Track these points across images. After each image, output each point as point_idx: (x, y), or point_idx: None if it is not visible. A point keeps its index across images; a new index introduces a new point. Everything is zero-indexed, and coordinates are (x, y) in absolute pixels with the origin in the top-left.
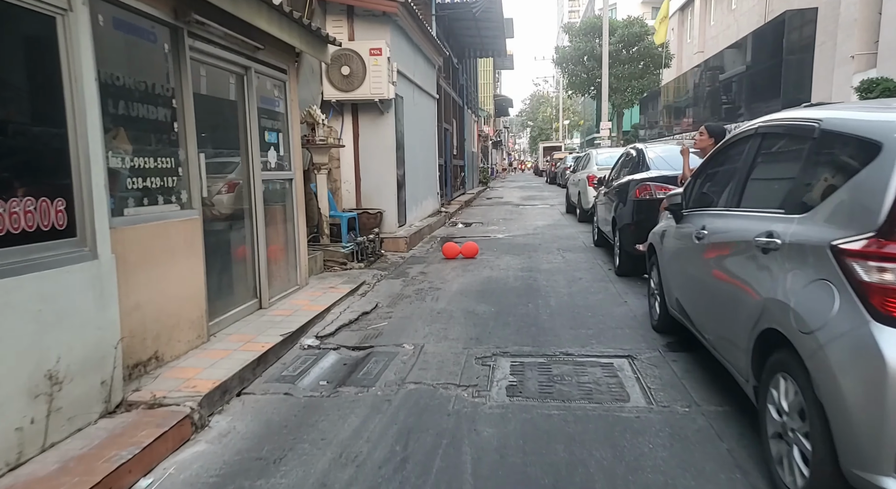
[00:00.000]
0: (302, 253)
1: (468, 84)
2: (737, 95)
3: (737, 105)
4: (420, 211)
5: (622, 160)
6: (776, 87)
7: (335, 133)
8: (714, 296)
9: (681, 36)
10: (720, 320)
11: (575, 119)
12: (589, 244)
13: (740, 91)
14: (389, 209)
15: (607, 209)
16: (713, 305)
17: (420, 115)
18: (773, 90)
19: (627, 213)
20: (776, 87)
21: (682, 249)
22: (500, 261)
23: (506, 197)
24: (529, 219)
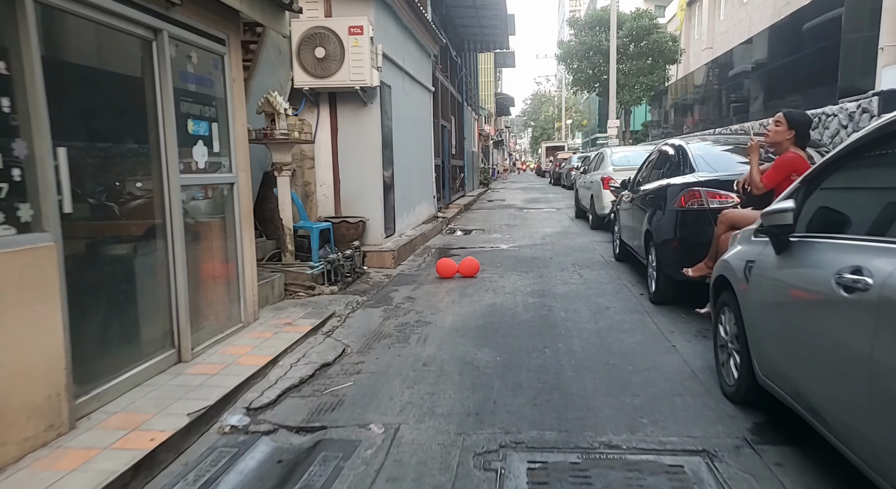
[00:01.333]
0: (248, 280)
1: (468, 79)
2: (775, 84)
3: (774, 95)
4: (412, 217)
5: (654, 160)
6: (826, 74)
7: (307, 127)
8: (885, 385)
9: (688, 32)
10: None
11: (578, 118)
12: (608, 258)
13: (782, 79)
14: (374, 217)
15: (635, 219)
16: (876, 396)
17: (412, 109)
18: (824, 77)
19: (668, 226)
20: (826, 74)
21: (799, 300)
22: (506, 282)
23: (508, 199)
24: (535, 225)
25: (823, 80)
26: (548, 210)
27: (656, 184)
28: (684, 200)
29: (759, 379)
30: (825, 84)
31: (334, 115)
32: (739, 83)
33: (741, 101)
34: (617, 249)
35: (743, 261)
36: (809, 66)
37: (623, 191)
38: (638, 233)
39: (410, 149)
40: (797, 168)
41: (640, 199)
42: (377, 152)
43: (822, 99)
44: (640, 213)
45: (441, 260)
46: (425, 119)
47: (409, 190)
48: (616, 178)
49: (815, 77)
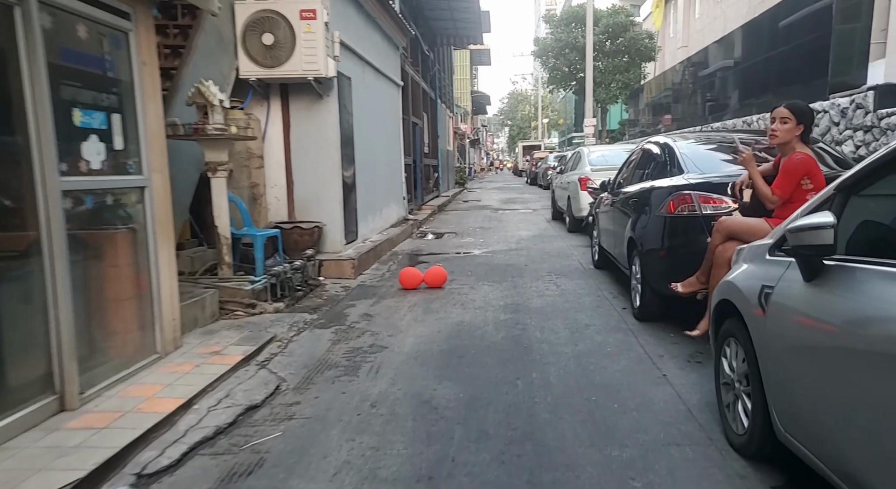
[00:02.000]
0: (167, 301)
1: (442, 76)
2: (751, 82)
3: (750, 94)
4: (378, 221)
5: (637, 159)
6: (805, 70)
7: (255, 122)
8: None
9: (664, 30)
10: None
11: (554, 117)
12: (587, 265)
13: (757, 77)
14: (332, 221)
15: (616, 224)
16: None
17: (377, 104)
18: (801, 74)
19: (655, 234)
20: (805, 70)
21: (847, 347)
22: (476, 294)
23: (484, 200)
24: (511, 227)
25: (801, 76)
26: (524, 211)
27: (640, 186)
28: (673, 205)
29: (780, 433)
30: (802, 81)
31: (286, 109)
32: (714, 81)
33: (717, 99)
34: (596, 256)
35: (756, 284)
36: (786, 63)
37: (602, 193)
38: (620, 239)
39: (376, 146)
40: (808, 170)
41: (622, 202)
42: (335, 150)
43: (800, 96)
44: (622, 217)
45: (405, 269)
46: (393, 115)
47: (374, 191)
48: (594, 179)
49: (791, 74)
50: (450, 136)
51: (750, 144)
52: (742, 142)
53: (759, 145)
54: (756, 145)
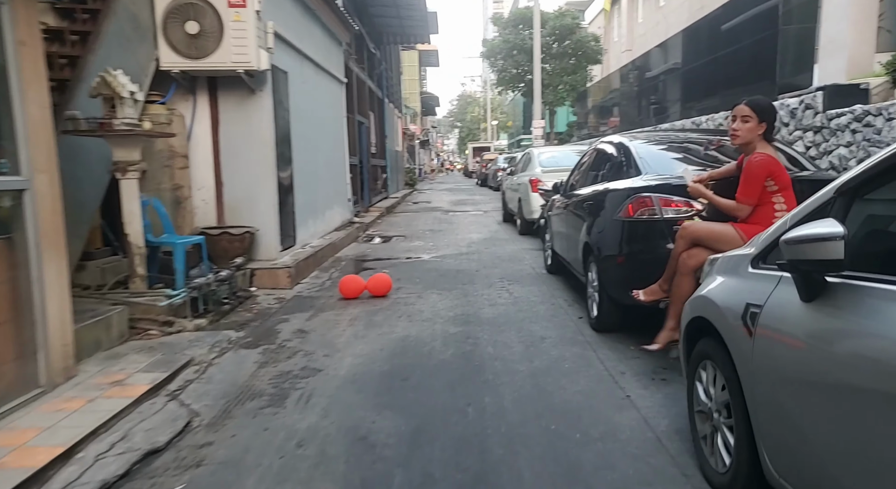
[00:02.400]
0: (54, 323)
1: (389, 74)
2: (692, 85)
3: (692, 97)
4: (320, 224)
5: (591, 160)
6: (746, 73)
7: (178, 118)
8: None
9: (608, 34)
10: None
11: (503, 119)
12: (540, 270)
13: (698, 81)
14: (266, 226)
15: (570, 228)
16: None
17: (318, 100)
18: (759, 72)
19: (613, 240)
20: (746, 73)
21: (862, 387)
22: (424, 304)
23: (434, 201)
24: (462, 230)
25: (746, 79)
26: (475, 213)
27: (595, 188)
28: (632, 209)
29: (770, 476)
30: (747, 83)
31: (215, 104)
32: (658, 85)
33: (660, 102)
34: (549, 260)
35: (738, 302)
36: (729, 66)
37: (554, 195)
38: (574, 244)
39: (316, 146)
40: (770, 170)
41: (576, 205)
42: (269, 149)
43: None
44: (577, 221)
45: (346, 277)
46: (336, 113)
47: (314, 193)
48: (545, 180)
49: (736, 77)
50: (398, 136)
51: (702, 144)
52: (692, 142)
53: (711, 146)
54: (708, 146)
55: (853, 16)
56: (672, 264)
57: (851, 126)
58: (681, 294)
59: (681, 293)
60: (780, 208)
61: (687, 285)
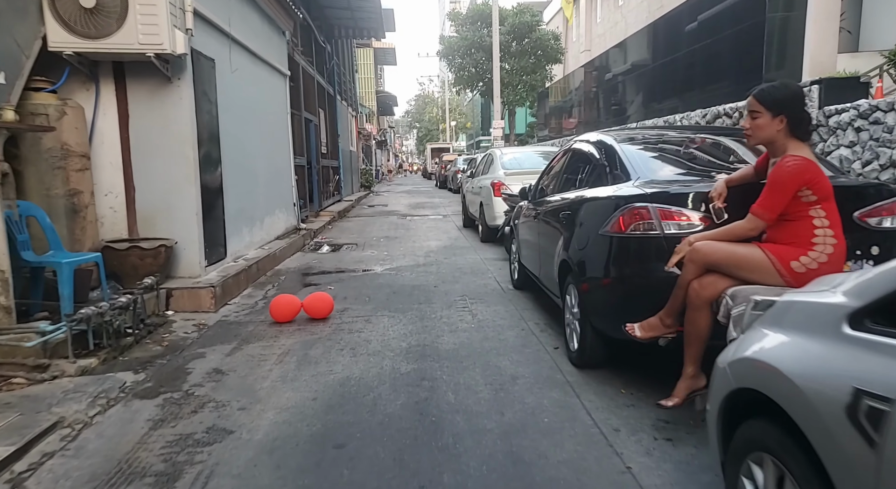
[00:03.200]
0: None
1: (342, 71)
2: (653, 85)
3: (652, 98)
4: (258, 233)
5: (565, 162)
6: (744, 62)
7: (75, 111)
8: None
9: (567, 34)
10: None
11: (462, 120)
12: (505, 284)
13: (659, 81)
14: (187, 238)
15: (543, 240)
16: None
17: (255, 94)
18: (740, 67)
19: (598, 259)
20: (744, 62)
21: None
22: (373, 331)
23: (391, 204)
24: (419, 237)
25: (724, 75)
26: (434, 217)
27: (573, 195)
28: (624, 222)
29: None
30: (726, 79)
31: (123, 95)
32: (616, 85)
33: (619, 103)
34: (515, 274)
35: (836, 383)
36: (700, 63)
37: (521, 201)
38: (548, 260)
39: (253, 145)
40: (807, 178)
41: (550, 214)
42: (190, 148)
43: (727, 96)
44: (551, 233)
45: (278, 297)
46: (278, 109)
47: (250, 198)
48: (508, 184)
49: (713, 73)
50: (353, 135)
51: (682, 143)
52: (668, 141)
53: (693, 144)
54: (689, 144)
55: (814, 15)
56: (679, 294)
57: (855, 124)
58: (698, 333)
59: (697, 332)
60: (820, 224)
61: (704, 321)
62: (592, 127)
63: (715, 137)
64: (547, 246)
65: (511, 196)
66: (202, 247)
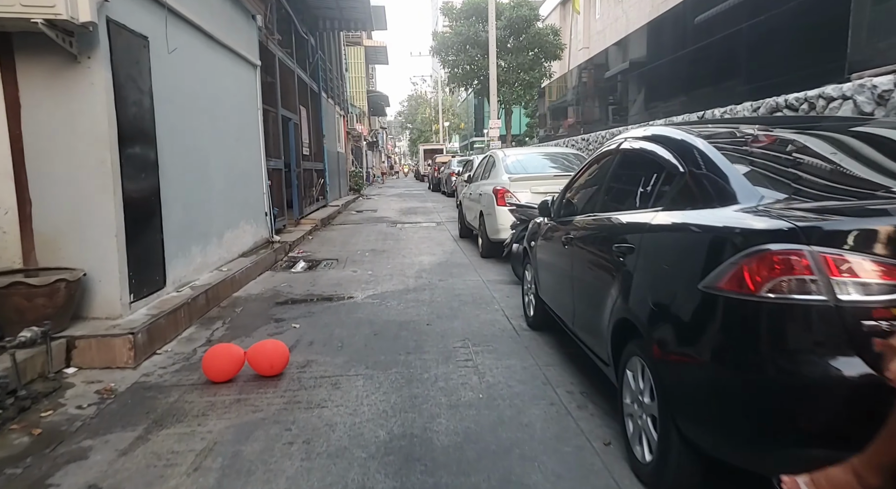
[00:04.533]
0: None
1: (328, 66)
2: (658, 83)
3: (657, 96)
4: (215, 251)
5: (609, 169)
6: (729, 67)
7: None
8: None
9: (565, 31)
10: None
11: (455, 121)
12: (518, 321)
13: (666, 78)
14: (103, 266)
15: (582, 275)
16: None
17: (212, 84)
18: (723, 71)
19: (700, 332)
20: (729, 67)
21: None
22: (340, 406)
23: (381, 210)
24: (410, 250)
25: (723, 75)
26: (426, 225)
27: (634, 218)
28: (754, 276)
29: None
30: (727, 78)
31: (12, 77)
32: (616, 85)
33: (618, 102)
34: (531, 310)
35: None
36: (702, 61)
37: (541, 217)
38: (589, 306)
39: (208, 145)
40: None
41: (593, 241)
42: (106, 149)
43: (723, 96)
44: (594, 268)
45: (214, 349)
46: (245, 104)
47: (203, 209)
48: (515, 191)
49: (710, 73)
50: (341, 136)
51: (795, 143)
52: (774, 139)
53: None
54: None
55: None
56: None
57: None
58: None
59: None
60: None
61: None
62: (592, 126)
63: (854, 130)
64: (586, 285)
65: (520, 207)
66: (125, 277)
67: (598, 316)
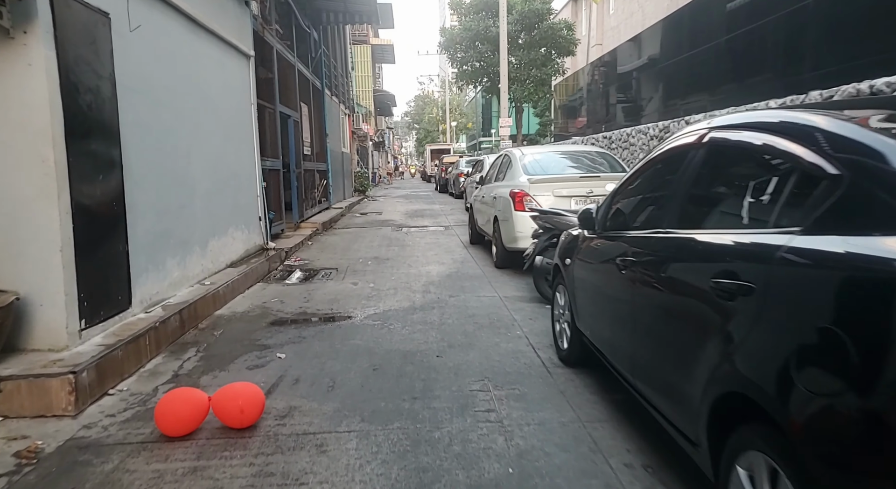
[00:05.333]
0: None
1: (332, 63)
2: (682, 80)
3: (674, 94)
4: (197, 263)
5: (694, 169)
6: (757, 60)
7: None
8: None
9: (576, 28)
10: None
11: (462, 121)
12: (546, 352)
13: (690, 75)
14: (45, 287)
15: (652, 317)
16: None
17: (193, 73)
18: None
19: None
20: (757, 60)
21: None
22: (330, 469)
23: (386, 212)
24: (417, 258)
25: (777, 61)
26: (434, 229)
27: (766, 241)
28: None
29: None
30: (785, 64)
31: None
32: (630, 83)
33: (631, 101)
34: (564, 341)
35: None
36: (747, 48)
37: (580, 230)
38: (668, 361)
39: (188, 142)
40: None
41: (669, 268)
42: (48, 145)
43: (779, 86)
44: (676, 309)
45: (171, 395)
46: (235, 97)
47: (182, 215)
48: (535, 195)
49: (757, 61)
50: (346, 135)
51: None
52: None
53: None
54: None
55: None
56: None
57: None
58: None
59: None
60: None
61: None
62: (607, 126)
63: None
64: (660, 330)
65: (544, 213)
66: (73, 299)
67: (680, 376)
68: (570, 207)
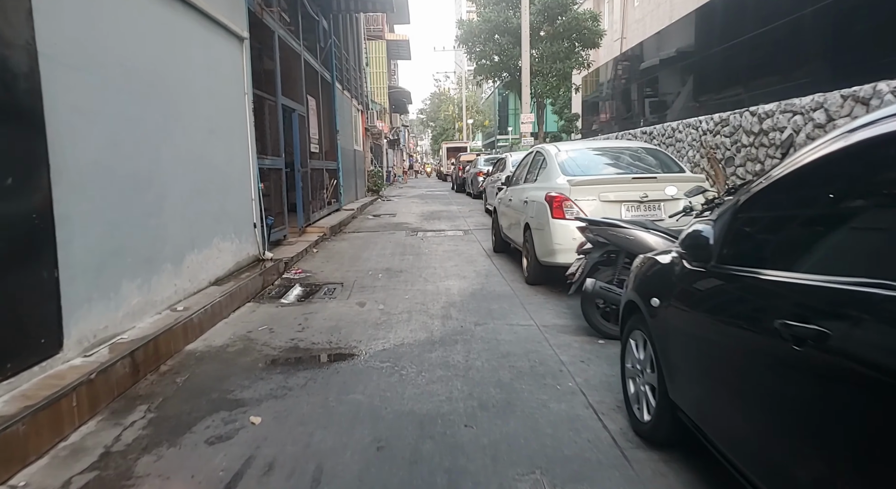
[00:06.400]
0: None
1: (343, 55)
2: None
3: (707, 88)
4: (169, 283)
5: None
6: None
7: None
8: None
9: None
10: None
11: (479, 118)
12: (615, 421)
13: (728, 66)
14: None
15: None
16: None
17: (165, 53)
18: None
19: None
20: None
21: None
22: None
23: (400, 214)
24: (435, 270)
25: (791, 62)
26: (452, 234)
27: None
28: None
29: None
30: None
31: None
32: (656, 77)
33: (658, 95)
34: (648, 413)
35: None
36: (767, 45)
37: (668, 255)
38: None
39: (158, 137)
40: None
41: (879, 344)
42: None
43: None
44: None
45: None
46: (223, 85)
47: (146, 226)
48: (577, 199)
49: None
50: (359, 133)
51: None
52: None
53: None
54: None
55: None
56: None
57: None
58: None
59: None
60: None
61: None
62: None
63: None
64: (854, 443)
65: (596, 224)
66: None
67: None
68: (621, 215)
